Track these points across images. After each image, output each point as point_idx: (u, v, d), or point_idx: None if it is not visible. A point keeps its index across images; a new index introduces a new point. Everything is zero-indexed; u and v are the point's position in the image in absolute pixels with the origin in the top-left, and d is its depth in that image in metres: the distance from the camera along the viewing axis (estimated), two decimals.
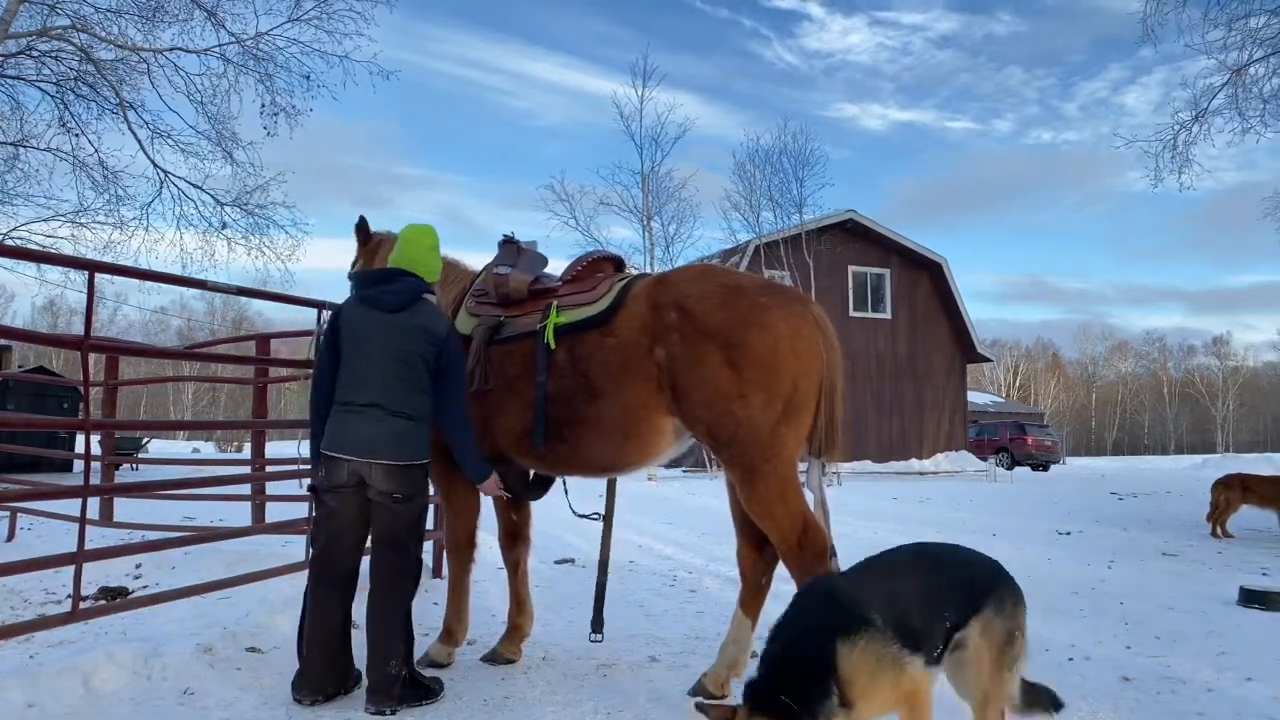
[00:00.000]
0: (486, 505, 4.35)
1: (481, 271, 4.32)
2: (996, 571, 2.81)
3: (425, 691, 3.54)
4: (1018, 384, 77.65)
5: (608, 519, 4.15)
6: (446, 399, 3.65)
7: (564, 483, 4.21)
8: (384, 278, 3.71)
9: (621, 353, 3.65)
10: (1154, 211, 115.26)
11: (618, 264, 4.28)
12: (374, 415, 3.53)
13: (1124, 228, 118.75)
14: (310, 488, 3.77)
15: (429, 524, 6.54)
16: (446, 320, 3.71)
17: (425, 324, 3.61)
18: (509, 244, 4.26)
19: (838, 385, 3.61)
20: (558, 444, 3.79)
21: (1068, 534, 9.48)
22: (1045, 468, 30.95)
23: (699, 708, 2.48)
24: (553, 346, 3.78)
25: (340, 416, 3.57)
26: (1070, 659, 4.24)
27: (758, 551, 3.77)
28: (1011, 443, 31.13)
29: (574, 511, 4.18)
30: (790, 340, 3.47)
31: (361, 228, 4.60)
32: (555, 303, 3.88)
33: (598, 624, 4.04)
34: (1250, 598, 5.45)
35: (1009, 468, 28.05)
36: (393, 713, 3.38)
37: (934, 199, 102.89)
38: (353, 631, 3.64)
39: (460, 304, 4.22)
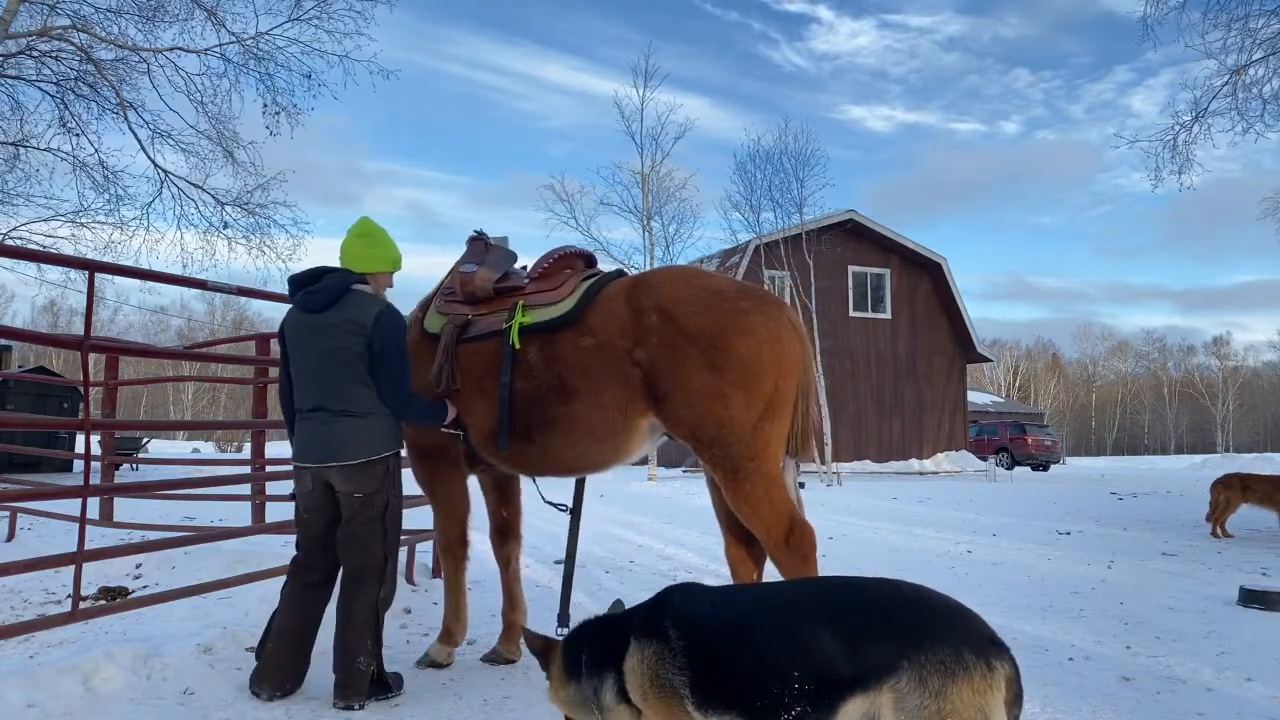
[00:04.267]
0: (479, 505, 4.34)
1: (449, 273, 4.31)
2: (948, 621, 2.06)
3: (386, 689, 3.55)
4: (1018, 384, 77.70)
5: (575, 515, 4.13)
6: (380, 383, 3.59)
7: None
8: (310, 278, 3.69)
9: (599, 354, 3.64)
10: (1133, 210, 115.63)
11: (588, 259, 4.23)
12: (320, 419, 3.56)
13: (1102, 226, 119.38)
14: (291, 495, 3.79)
15: (429, 524, 6.58)
16: (378, 307, 3.63)
17: (350, 317, 3.56)
18: (477, 241, 4.24)
19: (811, 387, 3.68)
20: (525, 445, 3.78)
21: (1067, 534, 9.48)
22: (1045, 468, 30.98)
23: (525, 634, 2.67)
24: (517, 346, 3.78)
25: (298, 426, 3.64)
26: (1070, 659, 4.24)
27: (745, 549, 3.79)
28: (1011, 443, 31.13)
29: (542, 498, 4.17)
30: (771, 343, 3.51)
31: None
32: (521, 302, 3.86)
33: (563, 618, 3.99)
34: (1250, 598, 5.45)
35: (1009, 467, 28.11)
36: (360, 708, 3.40)
37: (916, 198, 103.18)
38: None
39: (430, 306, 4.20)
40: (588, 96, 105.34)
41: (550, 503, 4.15)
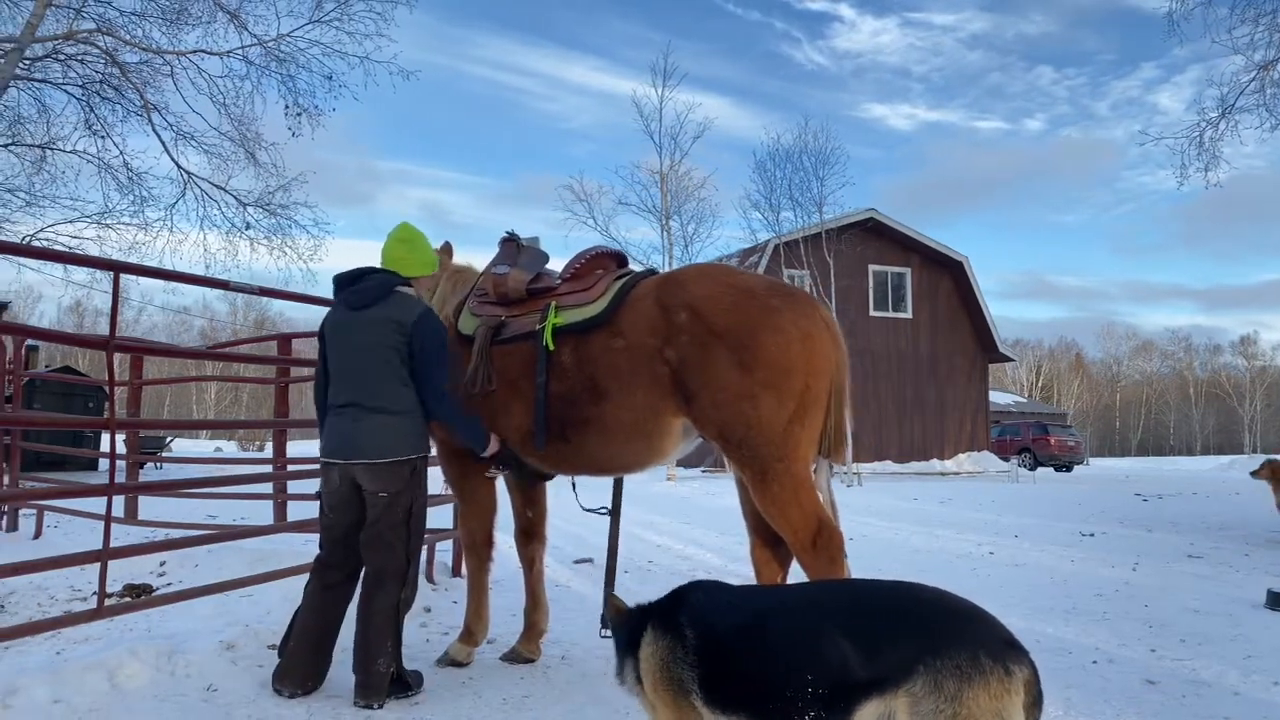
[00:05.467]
0: (504, 505, 4.36)
1: (482, 273, 4.33)
2: (965, 624, 2.04)
3: (406, 687, 3.58)
4: (1040, 384, 77.06)
5: (615, 515, 4.13)
6: (422, 382, 3.62)
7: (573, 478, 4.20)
8: (354, 277, 3.73)
9: (630, 354, 3.63)
10: (1155, 208, 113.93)
11: (620, 259, 4.25)
12: (352, 415, 3.58)
13: (1122, 224, 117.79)
14: (316, 493, 3.80)
15: (449, 523, 6.60)
16: (419, 308, 3.68)
17: (392, 316, 3.59)
18: (508, 242, 4.25)
19: (845, 387, 3.61)
20: (561, 445, 3.79)
21: (1091, 535, 9.38)
22: (1068, 468, 30.68)
23: (611, 598, 2.73)
24: (551, 348, 3.78)
25: (328, 421, 3.66)
26: (1094, 661, 4.20)
27: (771, 551, 3.76)
28: (1034, 443, 30.88)
29: (581, 506, 4.17)
30: (802, 342, 3.46)
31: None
32: (554, 303, 3.87)
33: (607, 620, 3.98)
34: (1278, 601, 5.37)
35: (1031, 468, 27.84)
36: (380, 706, 3.42)
37: (935, 197, 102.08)
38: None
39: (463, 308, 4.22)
40: (608, 96, 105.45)
41: (589, 509, 4.15)
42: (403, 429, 3.60)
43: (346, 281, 3.72)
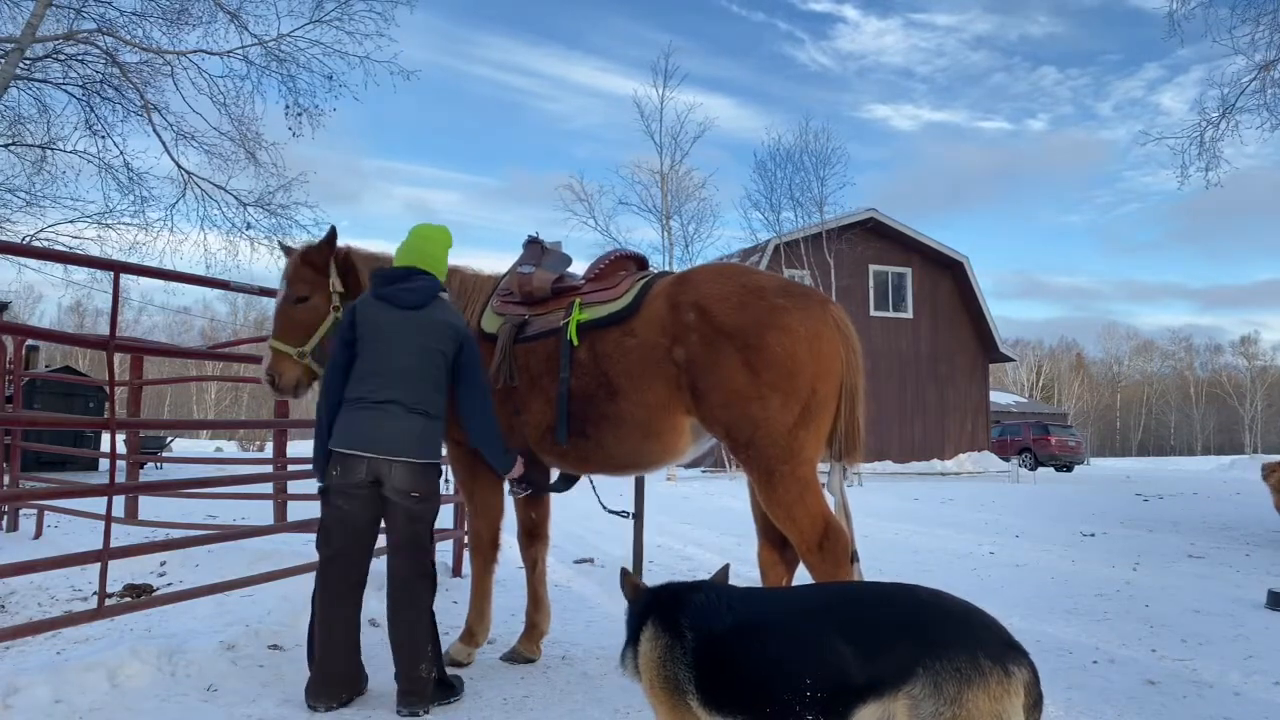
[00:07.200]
0: (509, 505, 4.36)
1: (506, 274, 4.34)
2: (964, 626, 2.03)
3: (451, 690, 3.56)
4: (1041, 384, 77.07)
5: (639, 517, 4.14)
6: (469, 391, 3.65)
7: (592, 480, 4.21)
8: (402, 275, 3.71)
9: (641, 352, 3.65)
10: (1157, 208, 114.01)
11: (640, 262, 4.29)
12: (393, 412, 3.50)
13: (1119, 223, 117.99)
14: (320, 489, 3.64)
15: (449, 523, 6.61)
16: (462, 317, 3.75)
17: (446, 320, 3.63)
18: (533, 244, 4.28)
19: (859, 388, 3.57)
20: (581, 440, 3.81)
21: (1092, 535, 9.38)
22: (1069, 468, 30.69)
23: (624, 574, 2.69)
24: (576, 343, 3.80)
25: (355, 414, 3.51)
26: (1095, 662, 4.20)
27: (778, 553, 3.75)
28: (1035, 443, 30.89)
29: (604, 507, 4.17)
30: (809, 342, 3.44)
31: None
32: (578, 300, 3.90)
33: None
34: (1278, 601, 5.37)
35: (1032, 468, 27.84)
36: (425, 713, 3.38)
37: (935, 197, 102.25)
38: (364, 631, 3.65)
39: (485, 308, 4.22)
40: (612, 97, 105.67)
41: (611, 510, 4.16)
42: (439, 433, 3.64)
43: (394, 279, 3.68)
